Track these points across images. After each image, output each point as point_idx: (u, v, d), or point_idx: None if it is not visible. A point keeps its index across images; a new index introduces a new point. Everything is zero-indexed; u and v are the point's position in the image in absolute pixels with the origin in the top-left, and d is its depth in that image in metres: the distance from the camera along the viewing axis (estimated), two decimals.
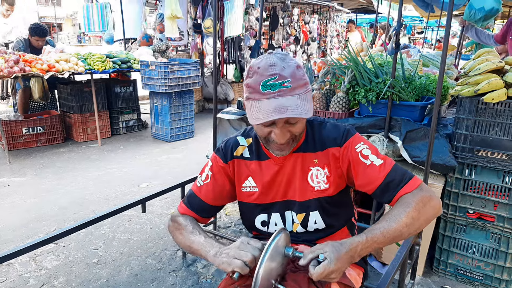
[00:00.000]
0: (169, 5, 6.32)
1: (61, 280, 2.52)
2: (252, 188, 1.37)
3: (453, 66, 3.70)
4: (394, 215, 1.14)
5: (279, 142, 1.19)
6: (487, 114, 2.21)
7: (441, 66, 1.93)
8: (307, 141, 1.32)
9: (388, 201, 1.25)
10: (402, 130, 2.43)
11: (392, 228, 1.12)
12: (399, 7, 2.41)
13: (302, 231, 1.37)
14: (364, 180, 1.25)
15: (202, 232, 1.31)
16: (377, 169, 1.23)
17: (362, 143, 1.28)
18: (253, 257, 1.08)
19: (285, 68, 1.12)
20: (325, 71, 2.81)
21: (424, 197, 1.18)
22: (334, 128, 1.32)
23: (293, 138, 1.22)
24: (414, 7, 8.33)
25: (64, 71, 4.86)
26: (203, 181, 1.40)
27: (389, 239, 1.12)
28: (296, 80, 1.13)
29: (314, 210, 1.33)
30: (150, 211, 3.44)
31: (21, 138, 5.27)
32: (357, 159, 1.25)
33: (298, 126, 1.19)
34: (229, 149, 1.39)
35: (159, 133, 5.98)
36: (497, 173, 2.24)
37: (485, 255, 2.38)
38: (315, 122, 1.36)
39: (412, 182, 1.22)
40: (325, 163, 1.30)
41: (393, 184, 1.22)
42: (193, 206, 1.40)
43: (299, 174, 1.32)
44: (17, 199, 3.71)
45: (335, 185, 1.31)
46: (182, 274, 2.59)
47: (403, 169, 1.27)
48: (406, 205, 1.16)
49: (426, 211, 1.16)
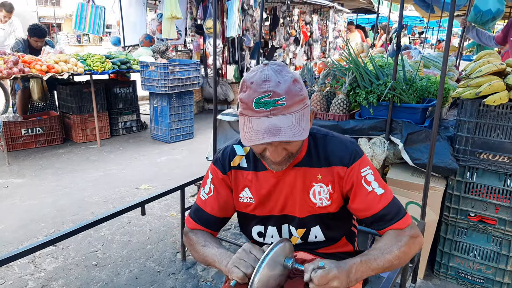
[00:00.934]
0: (169, 5, 6.30)
1: (60, 282, 2.50)
2: (249, 199, 1.33)
3: (454, 67, 3.69)
4: (388, 247, 1.17)
5: (274, 160, 1.15)
6: (488, 117, 2.19)
7: (442, 69, 1.91)
8: (310, 155, 1.27)
9: (377, 229, 1.27)
10: (403, 132, 2.42)
11: (385, 258, 1.14)
12: (400, 9, 2.40)
13: (301, 242, 1.36)
14: (361, 206, 1.24)
15: (215, 243, 1.29)
16: (377, 198, 1.23)
17: (368, 167, 1.25)
18: (253, 269, 1.06)
19: (280, 83, 1.05)
20: (326, 73, 2.80)
21: (414, 235, 1.22)
22: (341, 145, 1.27)
23: (289, 156, 1.17)
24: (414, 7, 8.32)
25: (63, 72, 4.84)
26: (207, 194, 1.36)
27: (381, 268, 1.14)
28: (291, 96, 1.05)
29: (315, 226, 1.32)
30: (150, 213, 3.42)
31: (20, 139, 5.26)
32: (360, 183, 1.23)
33: (295, 145, 1.14)
34: (226, 160, 1.35)
35: (159, 134, 5.96)
36: (498, 176, 2.23)
37: (487, 258, 2.36)
38: (318, 135, 1.30)
39: (404, 219, 1.24)
40: (329, 180, 1.26)
41: (387, 217, 1.23)
42: (201, 220, 1.37)
43: (300, 189, 1.28)
44: (16, 201, 3.69)
45: (337, 202, 1.29)
46: (181, 277, 2.57)
47: (400, 204, 1.27)
48: (399, 239, 1.19)
49: (415, 247, 1.22)
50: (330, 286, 1.01)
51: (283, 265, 1.11)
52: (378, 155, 2.45)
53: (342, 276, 1.03)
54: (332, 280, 1.01)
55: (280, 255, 1.09)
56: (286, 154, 1.15)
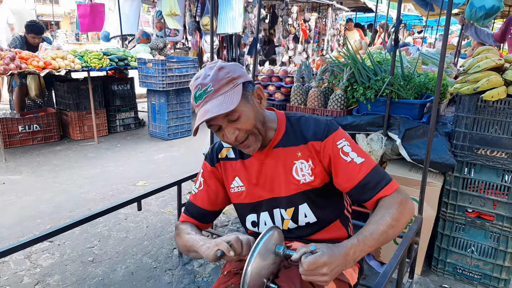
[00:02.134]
0: (167, 2, 6.28)
1: (56, 278, 2.49)
2: (240, 188, 1.38)
3: (452, 64, 3.68)
4: (380, 218, 1.16)
5: (230, 141, 1.22)
6: (486, 112, 2.18)
7: (440, 63, 1.90)
8: (287, 136, 1.33)
9: (364, 200, 1.26)
10: (401, 128, 2.41)
11: (380, 229, 1.13)
12: (398, 5, 2.39)
13: (294, 226, 1.37)
14: (343, 177, 1.26)
15: (199, 233, 1.35)
16: (357, 167, 1.24)
17: (343, 139, 1.28)
18: (236, 237, 1.10)
19: (208, 75, 1.18)
20: (323, 69, 2.79)
21: (403, 200, 1.21)
22: (315, 122, 1.32)
23: (251, 133, 1.23)
24: (413, 5, 8.31)
25: (60, 68, 4.82)
26: (197, 188, 1.44)
27: (378, 241, 1.13)
28: (217, 81, 1.17)
29: (303, 203, 1.33)
30: (147, 210, 3.41)
31: (17, 136, 5.24)
32: (337, 155, 1.25)
33: (243, 121, 1.20)
34: (214, 153, 1.43)
35: (157, 131, 5.95)
36: (496, 172, 2.22)
37: (484, 254, 2.36)
38: (293, 118, 1.36)
39: (390, 185, 1.24)
40: (308, 155, 1.30)
41: (371, 185, 1.23)
42: (192, 213, 1.44)
43: (283, 169, 1.32)
44: (13, 197, 3.67)
45: (320, 177, 1.31)
46: (178, 273, 2.56)
47: (383, 171, 1.27)
48: (389, 207, 1.18)
49: (406, 213, 1.20)
50: (319, 272, 0.99)
51: (275, 252, 1.11)
52: (376, 151, 2.44)
53: (333, 261, 1.01)
54: (322, 267, 0.99)
55: (271, 243, 1.09)
56: (241, 133, 1.21)
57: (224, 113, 1.15)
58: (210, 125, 1.21)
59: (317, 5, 10.10)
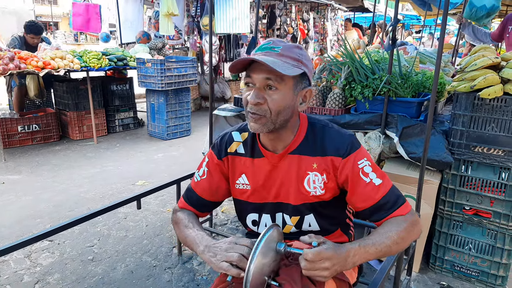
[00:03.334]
0: (166, 2, 6.29)
1: (56, 277, 2.50)
2: (245, 186, 1.35)
3: (450, 63, 3.70)
4: (386, 232, 1.16)
5: (250, 100, 1.14)
6: (483, 110, 2.20)
7: (437, 62, 1.92)
8: (306, 143, 1.28)
9: (376, 220, 1.25)
10: (398, 126, 2.42)
11: (384, 243, 1.13)
12: (396, 3, 2.40)
13: (295, 231, 1.35)
14: (360, 197, 1.23)
15: (196, 225, 1.31)
16: (375, 188, 1.22)
17: (365, 159, 1.24)
18: (240, 256, 1.07)
19: (283, 42, 1.18)
20: (322, 68, 2.80)
21: (413, 221, 1.21)
22: (338, 136, 1.27)
23: (269, 115, 1.16)
24: (411, 5, 8.32)
25: (59, 68, 4.83)
26: (200, 176, 1.40)
27: (379, 253, 1.13)
28: (287, 50, 1.15)
29: (309, 214, 1.31)
30: (146, 209, 3.42)
31: (16, 136, 5.24)
32: (357, 175, 1.22)
33: (275, 97, 1.14)
34: (223, 145, 1.37)
35: (156, 131, 5.96)
36: (493, 169, 2.24)
37: (482, 252, 2.37)
38: (317, 125, 1.30)
39: (404, 206, 1.23)
40: (324, 169, 1.26)
41: (387, 206, 1.22)
42: (191, 200, 1.42)
43: (295, 177, 1.28)
44: (12, 197, 3.68)
45: (331, 192, 1.28)
46: (177, 271, 2.57)
47: (399, 192, 1.26)
48: (398, 225, 1.18)
49: (414, 233, 1.21)
50: (321, 266, 1.01)
51: (276, 250, 1.11)
52: (374, 149, 2.46)
53: (336, 258, 1.03)
54: (325, 260, 1.01)
55: (272, 241, 1.09)
56: (264, 105, 1.15)
57: (268, 74, 1.12)
58: (248, 76, 1.17)
59: (316, 5, 10.11)
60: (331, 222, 1.36)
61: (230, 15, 7.10)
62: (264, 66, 1.11)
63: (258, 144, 1.31)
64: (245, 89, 1.19)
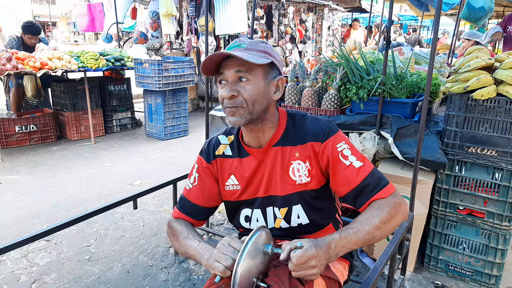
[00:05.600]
0: (164, 3, 6.31)
1: (52, 276, 2.51)
2: (235, 186, 1.37)
3: (445, 64, 3.72)
4: (368, 218, 1.17)
5: (224, 96, 1.19)
6: (476, 111, 2.22)
7: (430, 62, 1.94)
8: (287, 134, 1.31)
9: (360, 204, 1.25)
10: (393, 127, 2.44)
11: (365, 229, 1.14)
12: (390, 4, 2.42)
13: (286, 226, 1.36)
14: (341, 181, 1.25)
15: (197, 236, 1.31)
16: (355, 171, 1.23)
17: (343, 142, 1.27)
18: (233, 261, 1.07)
19: (249, 40, 1.23)
20: (317, 69, 2.82)
21: (396, 203, 1.21)
22: (316, 122, 1.30)
23: (245, 105, 1.19)
24: (409, 6, 8.36)
25: (57, 68, 4.84)
26: (192, 183, 1.41)
27: (362, 240, 1.14)
28: (254, 45, 1.21)
29: (297, 204, 1.32)
30: (143, 209, 3.43)
31: (14, 136, 5.25)
32: (337, 158, 1.24)
33: (248, 88, 1.18)
34: (211, 149, 1.40)
35: (153, 132, 5.97)
36: (486, 169, 2.26)
37: (476, 251, 2.39)
38: (296, 115, 1.35)
39: (386, 188, 1.23)
40: (306, 156, 1.29)
41: (368, 188, 1.22)
42: (185, 209, 1.41)
43: (280, 168, 1.31)
44: (9, 197, 3.69)
45: (317, 179, 1.30)
46: (174, 271, 2.59)
47: (381, 174, 1.27)
48: (380, 209, 1.18)
49: (398, 216, 1.21)
50: (308, 265, 1.02)
51: (263, 252, 1.12)
52: (369, 149, 2.47)
53: (320, 253, 1.04)
54: (311, 259, 1.02)
55: (259, 242, 1.10)
56: (239, 97, 1.19)
57: (238, 67, 1.17)
58: (219, 73, 1.22)
59: (313, 6, 10.14)
60: (321, 214, 1.37)
61: (228, 16, 7.12)
62: (233, 61, 1.17)
63: (243, 144, 1.35)
64: (219, 87, 1.23)
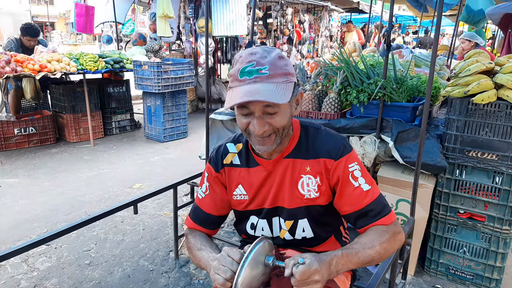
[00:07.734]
0: (161, 4, 6.30)
1: (53, 281, 2.50)
2: (243, 196, 1.35)
3: (445, 66, 3.72)
4: (369, 242, 1.18)
5: (256, 132, 1.14)
6: (477, 115, 2.22)
7: (431, 67, 1.94)
8: (299, 147, 1.29)
9: (360, 226, 1.26)
10: (393, 130, 2.44)
11: (366, 253, 1.15)
12: (390, 9, 2.42)
13: (290, 238, 1.35)
14: (347, 201, 1.25)
15: (209, 246, 1.30)
16: (363, 194, 1.23)
17: (356, 163, 1.26)
18: (232, 273, 1.06)
19: (266, 57, 1.12)
20: (317, 72, 2.82)
21: (396, 232, 1.23)
22: (331, 138, 1.28)
23: (276, 132, 1.17)
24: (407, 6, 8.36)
25: (56, 71, 4.83)
26: (204, 192, 1.40)
27: (361, 262, 1.15)
28: (275, 68, 1.11)
29: (303, 218, 1.32)
30: (143, 212, 3.43)
31: (13, 139, 5.24)
32: (347, 178, 1.24)
33: (278, 119, 1.15)
34: (219, 158, 1.38)
35: (152, 134, 5.96)
36: (487, 174, 2.26)
37: (476, 255, 2.40)
38: (310, 128, 1.32)
39: (389, 216, 1.24)
40: (317, 171, 1.27)
41: (372, 213, 1.23)
42: (199, 220, 1.41)
43: (289, 181, 1.29)
44: (9, 200, 3.68)
45: (326, 195, 1.29)
46: (174, 275, 2.59)
47: (385, 201, 1.27)
48: (381, 235, 1.20)
49: (395, 244, 1.23)
50: (311, 280, 1.02)
51: (264, 263, 1.11)
52: (369, 153, 2.47)
53: (323, 269, 1.04)
54: (314, 274, 1.01)
55: (261, 254, 1.09)
56: (269, 128, 1.15)
57: (267, 103, 1.10)
58: (242, 107, 1.14)
59: (312, 7, 10.14)
60: (325, 229, 1.37)
61: (227, 17, 7.11)
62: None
63: (252, 154, 1.33)
64: (241, 115, 1.17)
